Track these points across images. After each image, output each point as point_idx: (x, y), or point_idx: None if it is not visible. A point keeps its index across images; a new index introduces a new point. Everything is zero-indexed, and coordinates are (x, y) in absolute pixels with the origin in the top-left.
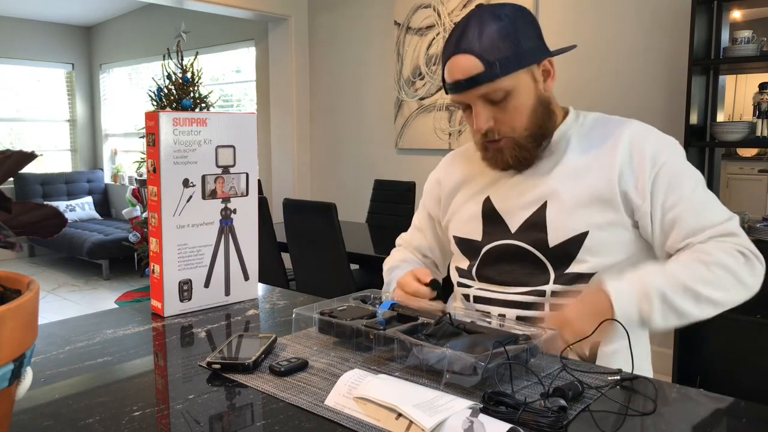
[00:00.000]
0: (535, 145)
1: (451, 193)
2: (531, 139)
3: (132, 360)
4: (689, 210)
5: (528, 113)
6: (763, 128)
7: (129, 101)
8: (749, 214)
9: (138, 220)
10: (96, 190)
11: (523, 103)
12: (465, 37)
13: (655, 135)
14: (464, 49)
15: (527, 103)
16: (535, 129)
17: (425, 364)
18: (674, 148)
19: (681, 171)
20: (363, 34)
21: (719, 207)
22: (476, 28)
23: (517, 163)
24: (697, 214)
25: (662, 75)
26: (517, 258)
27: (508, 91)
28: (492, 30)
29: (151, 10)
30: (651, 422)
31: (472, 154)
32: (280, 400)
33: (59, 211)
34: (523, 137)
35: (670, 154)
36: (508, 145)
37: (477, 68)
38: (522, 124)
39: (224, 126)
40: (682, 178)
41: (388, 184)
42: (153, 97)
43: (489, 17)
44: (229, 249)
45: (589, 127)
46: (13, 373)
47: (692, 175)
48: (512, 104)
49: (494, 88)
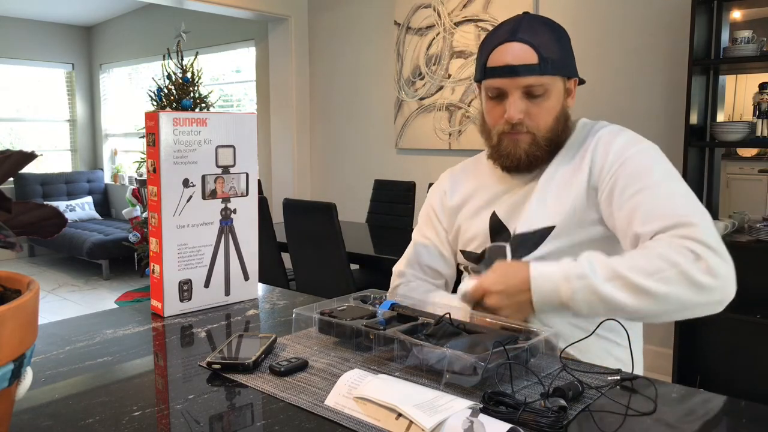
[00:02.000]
0: (548, 149)
1: (457, 206)
2: (547, 143)
3: (132, 360)
4: (650, 199)
5: (554, 117)
6: (763, 128)
7: (129, 101)
8: (749, 214)
9: (138, 220)
10: (96, 190)
11: (554, 106)
12: (520, 29)
13: (627, 133)
14: (521, 39)
15: (556, 108)
16: (554, 135)
17: (425, 364)
18: (647, 146)
19: (649, 164)
20: (363, 34)
21: (689, 202)
22: (530, 26)
23: (527, 160)
24: (658, 203)
25: (662, 75)
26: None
27: (547, 90)
28: (546, 32)
29: (151, 10)
30: (651, 422)
31: (471, 170)
32: (280, 400)
33: (59, 211)
34: (543, 138)
35: (640, 149)
36: (526, 139)
37: (532, 59)
38: (547, 125)
39: (224, 126)
40: (649, 170)
41: (388, 184)
42: (153, 97)
43: (541, 22)
44: (229, 249)
45: (576, 135)
46: (13, 373)
47: (664, 170)
48: (546, 104)
49: (540, 82)
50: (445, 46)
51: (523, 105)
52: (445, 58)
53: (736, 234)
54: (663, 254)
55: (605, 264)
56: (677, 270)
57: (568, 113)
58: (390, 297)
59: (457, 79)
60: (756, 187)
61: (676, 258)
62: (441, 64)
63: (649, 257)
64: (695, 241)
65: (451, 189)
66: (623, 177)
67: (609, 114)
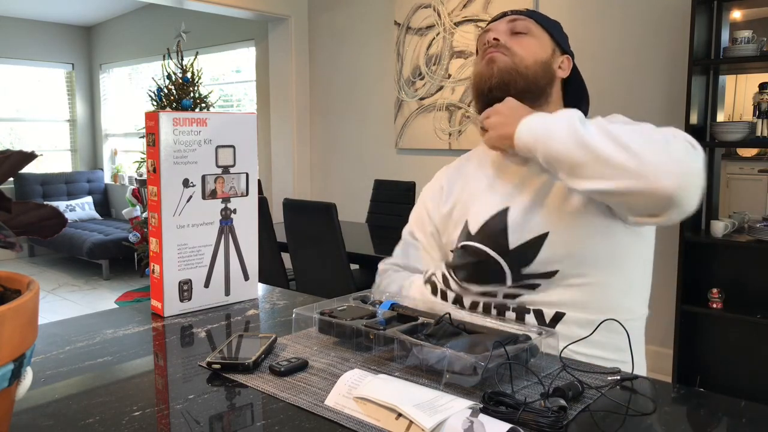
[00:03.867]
0: (523, 85)
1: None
2: (521, 77)
3: (132, 360)
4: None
5: (533, 56)
6: (763, 128)
7: (129, 101)
8: (749, 214)
9: (138, 220)
10: (96, 190)
11: (535, 47)
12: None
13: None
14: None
15: (541, 54)
16: (530, 74)
17: (425, 364)
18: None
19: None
20: (363, 34)
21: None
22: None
23: (500, 80)
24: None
25: (662, 75)
26: (477, 260)
27: (531, 31)
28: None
29: (151, 10)
30: (651, 422)
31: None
32: (280, 400)
33: (59, 211)
34: (520, 67)
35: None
36: (502, 60)
37: (522, 10)
38: (524, 55)
39: (224, 126)
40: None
41: (388, 184)
42: (153, 97)
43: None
44: (229, 249)
45: None
46: (13, 373)
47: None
48: (527, 41)
49: (523, 20)
50: (445, 46)
51: (505, 35)
52: (445, 58)
53: (736, 234)
54: (636, 124)
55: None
56: (648, 131)
57: (554, 75)
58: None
59: (457, 79)
60: (756, 187)
61: (653, 129)
62: (441, 64)
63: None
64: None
65: (448, 188)
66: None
67: (609, 113)
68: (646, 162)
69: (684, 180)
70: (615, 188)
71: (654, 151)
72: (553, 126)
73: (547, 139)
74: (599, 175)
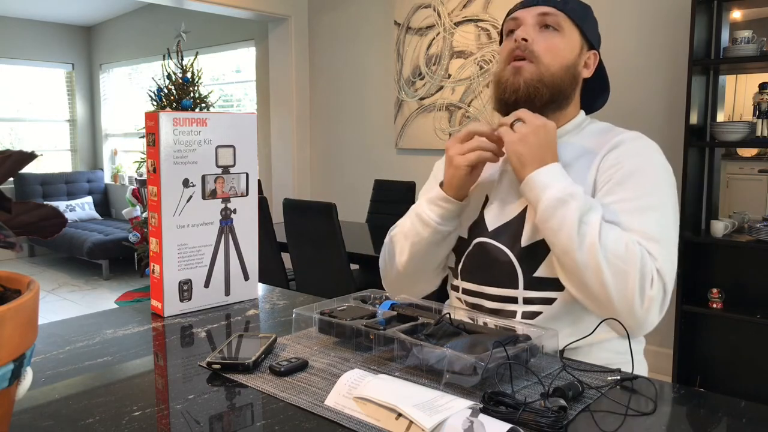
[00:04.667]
0: (549, 93)
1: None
2: (549, 86)
3: (132, 360)
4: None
5: (560, 61)
6: (763, 128)
7: (129, 101)
8: (749, 214)
9: (138, 220)
10: (96, 190)
11: (563, 50)
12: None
13: (640, 142)
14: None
15: (565, 55)
16: (558, 81)
17: (425, 364)
18: (652, 159)
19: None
20: (363, 34)
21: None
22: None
23: (526, 92)
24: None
25: (662, 75)
26: (492, 256)
27: (561, 27)
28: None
29: (151, 10)
30: (651, 422)
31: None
32: (280, 400)
33: (59, 211)
34: (547, 76)
35: (642, 160)
36: (528, 69)
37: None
38: (551, 63)
39: (224, 126)
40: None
41: (388, 184)
42: (153, 97)
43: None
44: (229, 249)
45: (592, 132)
46: (13, 373)
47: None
48: (556, 40)
49: (554, 14)
50: (445, 46)
51: (534, 33)
52: (445, 58)
53: (736, 234)
54: (633, 253)
55: (598, 216)
56: (630, 272)
57: (578, 77)
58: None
59: (457, 79)
60: (756, 187)
61: (639, 265)
62: (441, 64)
63: (622, 243)
64: (661, 274)
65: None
66: (609, 181)
67: (609, 113)
68: (613, 308)
69: (634, 332)
70: (578, 297)
71: (623, 303)
72: (560, 213)
73: (549, 217)
74: (571, 281)
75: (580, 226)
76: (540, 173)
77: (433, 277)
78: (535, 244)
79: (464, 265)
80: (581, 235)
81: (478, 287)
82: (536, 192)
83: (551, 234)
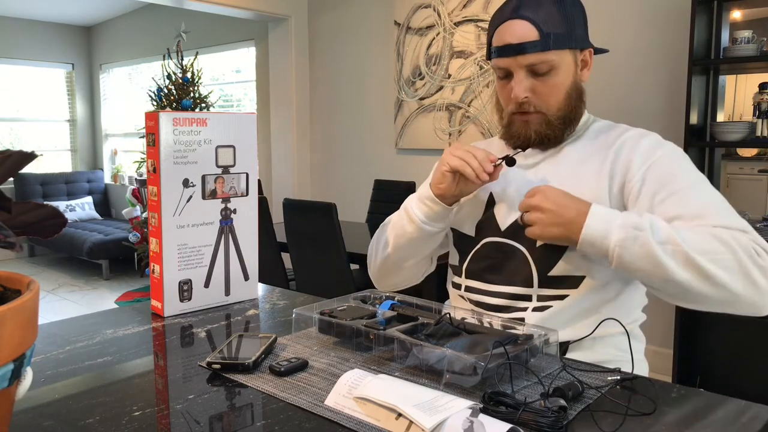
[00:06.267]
0: (562, 127)
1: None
2: (560, 121)
3: (132, 360)
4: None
5: (564, 93)
6: (763, 128)
7: (129, 101)
8: (749, 214)
9: (138, 220)
10: (96, 190)
11: (563, 82)
12: (523, 5)
13: (653, 136)
14: (522, 16)
15: (566, 83)
16: (567, 111)
17: (425, 364)
18: (673, 149)
19: (677, 167)
20: (363, 34)
21: (728, 210)
22: (535, 0)
23: (538, 140)
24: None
25: (662, 75)
26: (504, 255)
27: (553, 67)
28: (550, 5)
29: (151, 10)
30: (651, 422)
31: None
32: (280, 400)
33: (59, 211)
34: (555, 116)
35: (666, 153)
36: (537, 120)
37: (532, 36)
38: (557, 103)
39: (224, 126)
40: (678, 174)
41: (388, 184)
42: (153, 97)
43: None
44: (229, 249)
45: (595, 132)
46: (13, 373)
47: (692, 174)
48: (553, 80)
49: (542, 60)
50: (445, 46)
51: (529, 83)
52: (445, 58)
53: None
54: (721, 238)
55: (665, 227)
56: (735, 258)
57: (582, 87)
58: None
59: (457, 79)
60: (756, 187)
61: (735, 247)
62: (441, 64)
63: (705, 237)
64: (755, 242)
65: None
66: (652, 183)
67: (609, 113)
68: (740, 300)
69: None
70: (705, 309)
71: (747, 287)
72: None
73: (632, 261)
74: (690, 300)
75: (663, 249)
76: (588, 227)
77: (415, 271)
78: (551, 243)
79: (471, 264)
80: (669, 255)
81: (487, 285)
82: (598, 246)
83: (642, 275)
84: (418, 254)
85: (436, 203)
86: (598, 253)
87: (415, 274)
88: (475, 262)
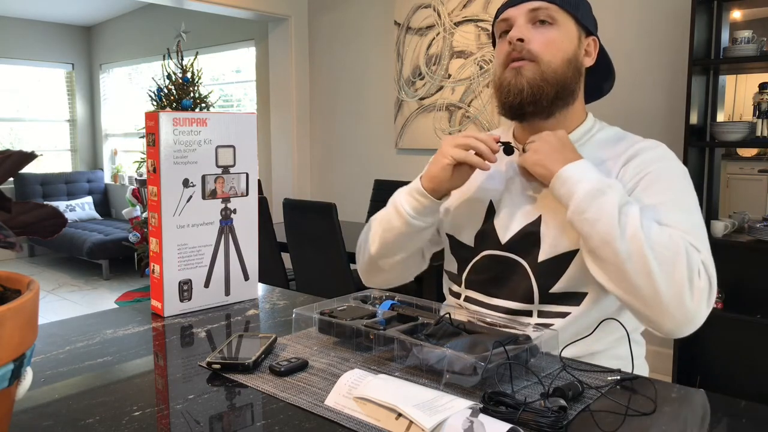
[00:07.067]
0: (553, 95)
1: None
2: (553, 82)
3: (132, 360)
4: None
5: (561, 56)
6: (763, 128)
7: (129, 101)
8: (749, 214)
9: (138, 220)
10: (96, 190)
11: (562, 43)
12: None
13: (660, 149)
14: None
15: (563, 47)
16: (559, 79)
17: (425, 364)
18: (675, 165)
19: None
20: (363, 34)
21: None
22: None
23: (530, 94)
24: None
25: (662, 75)
26: (505, 269)
27: (555, 21)
28: None
29: (151, 10)
30: (651, 422)
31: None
32: (280, 400)
33: (59, 211)
34: (549, 72)
35: (666, 167)
36: (530, 69)
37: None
38: (552, 58)
39: (224, 126)
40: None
41: (388, 184)
42: (153, 97)
43: None
44: (229, 249)
45: (603, 142)
46: (13, 373)
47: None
48: (552, 34)
49: (546, 7)
50: (445, 46)
51: (527, 30)
52: (445, 58)
53: (736, 234)
54: (676, 242)
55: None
56: (675, 260)
57: (581, 69)
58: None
59: (457, 79)
60: (756, 187)
61: (683, 255)
62: (441, 64)
63: (664, 233)
64: (704, 264)
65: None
66: (649, 179)
67: (609, 113)
68: (660, 301)
69: (684, 329)
70: (619, 296)
71: (673, 293)
72: (597, 203)
73: (586, 208)
74: (612, 276)
75: (620, 216)
76: (568, 168)
77: (404, 269)
78: (554, 259)
79: (470, 275)
80: (622, 224)
81: (488, 299)
82: (568, 186)
83: (588, 225)
84: (406, 250)
85: (426, 197)
86: (562, 194)
87: (405, 271)
88: (474, 273)
